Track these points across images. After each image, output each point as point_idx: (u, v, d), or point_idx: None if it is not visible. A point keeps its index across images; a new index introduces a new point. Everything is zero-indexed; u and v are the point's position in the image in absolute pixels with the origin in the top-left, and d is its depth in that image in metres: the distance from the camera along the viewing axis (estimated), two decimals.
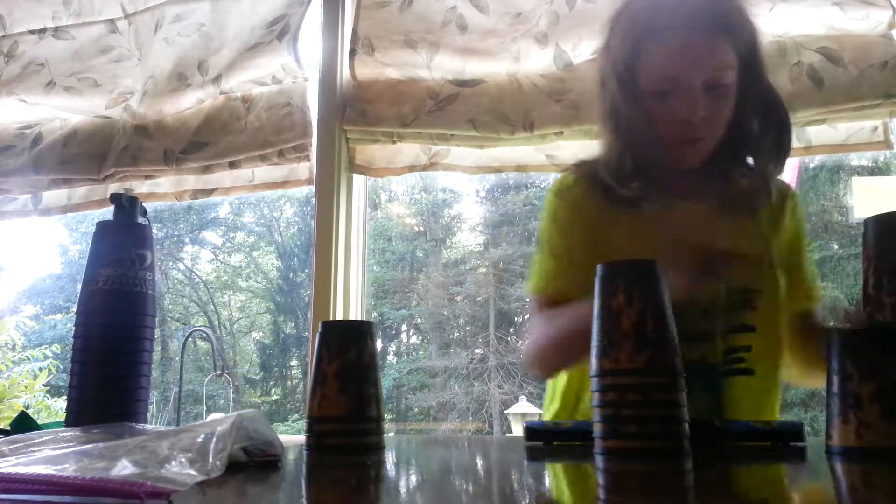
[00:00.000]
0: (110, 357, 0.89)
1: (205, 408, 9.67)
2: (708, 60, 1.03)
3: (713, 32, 1.03)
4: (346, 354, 0.77)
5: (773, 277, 1.11)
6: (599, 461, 0.65)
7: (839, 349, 0.70)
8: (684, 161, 1.11)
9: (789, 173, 4.06)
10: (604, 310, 0.68)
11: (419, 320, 11.66)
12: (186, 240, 12.76)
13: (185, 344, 9.09)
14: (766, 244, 1.14)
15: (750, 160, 1.15)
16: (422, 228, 11.96)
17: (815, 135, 1.73)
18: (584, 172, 1.19)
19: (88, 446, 0.54)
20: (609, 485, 0.55)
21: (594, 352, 0.68)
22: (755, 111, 1.10)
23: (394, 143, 1.89)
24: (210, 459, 0.52)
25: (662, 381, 0.65)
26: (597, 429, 0.67)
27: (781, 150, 1.13)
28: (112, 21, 2.13)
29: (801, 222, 1.21)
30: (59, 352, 5.91)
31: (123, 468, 0.48)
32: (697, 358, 1.07)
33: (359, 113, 1.90)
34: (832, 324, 1.09)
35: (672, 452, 0.65)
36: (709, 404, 1.08)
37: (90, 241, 0.93)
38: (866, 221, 0.74)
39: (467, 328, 11.37)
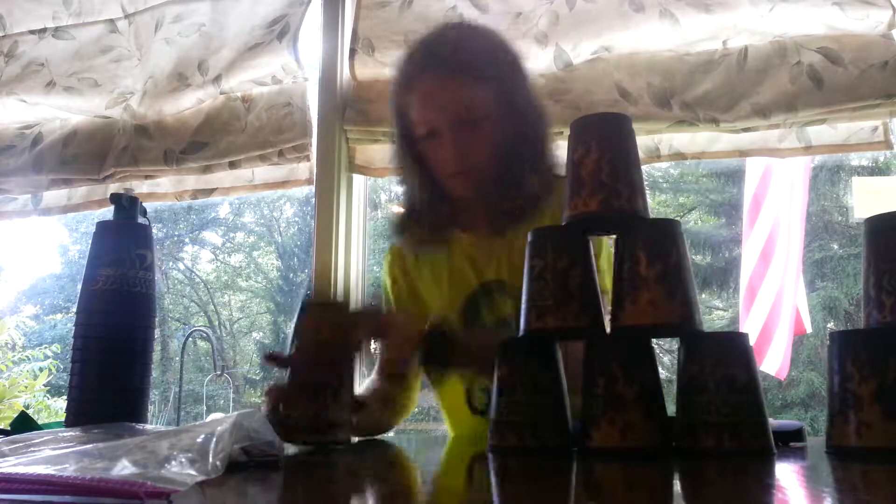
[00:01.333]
0: (110, 357, 0.89)
1: (205, 408, 9.67)
2: (453, 100, 1.12)
3: (457, 73, 1.12)
4: None
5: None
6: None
7: (839, 349, 0.70)
8: (457, 192, 1.20)
9: (800, 175, 4.03)
10: (578, 161, 0.76)
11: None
12: (186, 240, 12.77)
13: (185, 344, 9.09)
14: None
15: (514, 180, 1.20)
16: None
17: (815, 135, 1.73)
18: (394, 241, 1.34)
19: (88, 446, 0.54)
20: (589, 485, 0.55)
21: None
22: (519, 135, 1.17)
23: (394, 142, 1.89)
24: (210, 459, 0.52)
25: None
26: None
27: (542, 164, 1.20)
28: (112, 21, 2.13)
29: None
30: (59, 352, 5.91)
31: (123, 468, 0.48)
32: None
33: (359, 113, 1.90)
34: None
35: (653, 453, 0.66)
36: None
37: (90, 241, 0.93)
38: (866, 221, 0.74)
39: None
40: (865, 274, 0.73)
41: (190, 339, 10.04)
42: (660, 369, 0.72)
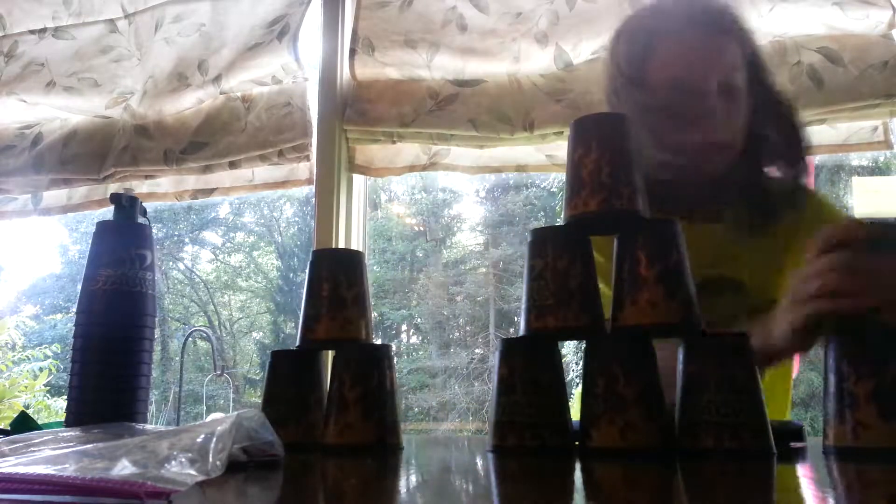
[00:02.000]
0: (110, 357, 0.89)
1: (205, 408, 9.67)
2: (719, 61, 1.00)
3: (721, 32, 1.01)
4: None
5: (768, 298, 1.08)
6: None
7: (836, 349, 0.70)
8: (709, 167, 1.05)
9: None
10: (578, 161, 0.74)
11: (419, 320, 11.65)
12: (186, 240, 12.76)
13: (185, 344, 9.08)
14: (781, 259, 1.07)
15: (768, 169, 1.10)
16: (422, 228, 11.96)
17: (816, 135, 1.72)
18: None
19: (88, 446, 0.54)
20: (590, 485, 0.55)
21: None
22: (765, 116, 1.06)
23: (394, 142, 1.89)
24: (210, 459, 0.52)
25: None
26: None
27: (795, 153, 1.08)
28: (112, 21, 2.14)
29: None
30: (59, 352, 5.91)
31: (123, 468, 0.48)
32: None
33: (359, 113, 1.90)
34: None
35: (656, 454, 0.66)
36: None
37: (90, 241, 0.93)
38: None
39: (467, 328, 11.36)
40: None
41: (190, 339, 10.03)
42: None
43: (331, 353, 0.84)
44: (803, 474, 0.61)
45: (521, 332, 0.77)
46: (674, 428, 0.71)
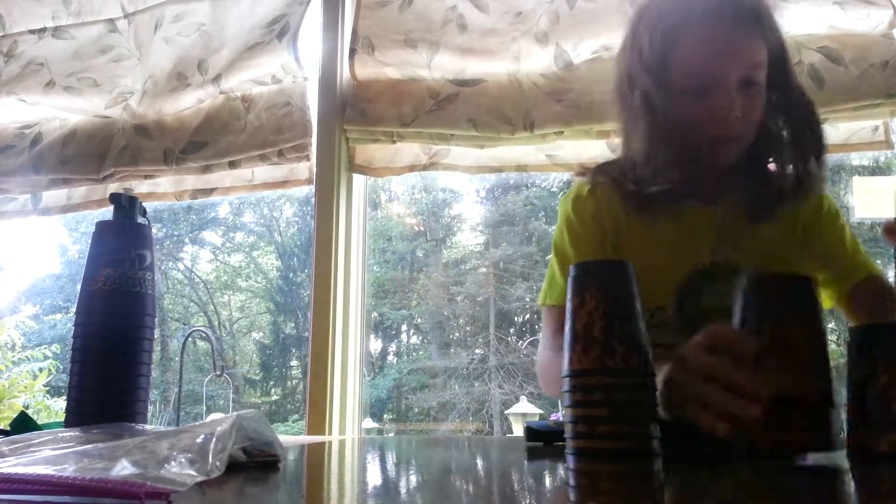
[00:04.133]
0: (110, 357, 0.89)
1: (204, 408, 9.67)
2: (743, 55, 1.00)
3: (747, 26, 0.99)
4: None
5: None
6: (571, 461, 0.65)
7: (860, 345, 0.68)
8: (719, 159, 1.05)
9: None
10: (573, 311, 0.68)
11: (419, 320, 11.65)
12: (186, 240, 12.76)
13: (184, 344, 9.09)
14: (784, 249, 1.10)
15: (778, 162, 1.10)
16: (422, 228, 11.96)
17: None
18: (601, 180, 1.15)
19: (88, 447, 0.54)
20: (579, 485, 0.55)
21: (565, 352, 0.68)
22: (783, 112, 1.06)
23: (394, 142, 1.89)
24: (210, 460, 0.52)
25: (629, 382, 0.65)
26: (567, 429, 0.67)
27: (812, 151, 1.07)
28: (112, 21, 2.13)
29: (835, 227, 1.17)
30: (58, 352, 5.91)
31: (123, 468, 0.48)
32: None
33: (359, 112, 1.89)
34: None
35: (640, 453, 0.64)
36: None
37: (90, 241, 0.93)
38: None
39: (467, 328, 11.36)
40: None
41: (190, 339, 10.03)
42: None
43: None
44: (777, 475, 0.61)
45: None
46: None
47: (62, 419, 0.89)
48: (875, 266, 1.16)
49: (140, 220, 0.95)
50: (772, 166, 1.10)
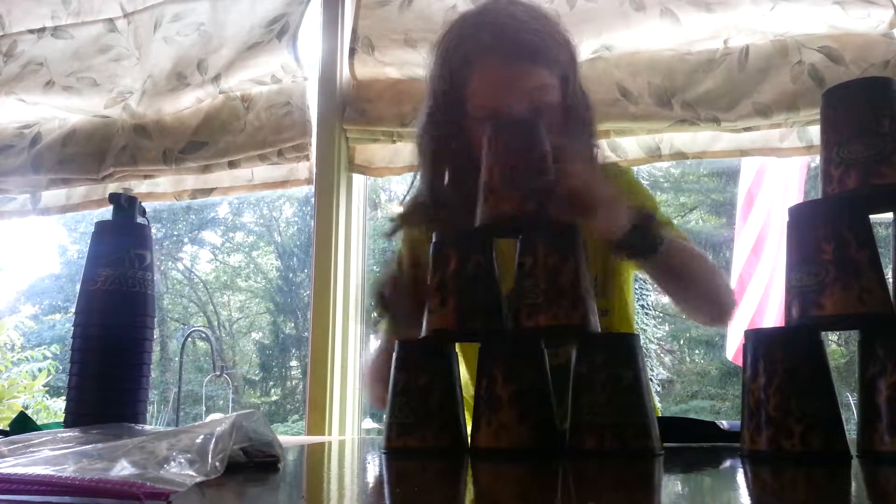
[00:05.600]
0: (109, 357, 0.88)
1: (204, 408, 9.67)
2: (525, 86, 1.05)
3: (528, 60, 1.05)
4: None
5: (605, 259, 1.14)
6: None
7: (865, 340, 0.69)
8: None
9: (796, 174, 4.07)
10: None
11: None
12: (185, 240, 12.76)
13: (184, 344, 9.09)
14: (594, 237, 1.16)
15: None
16: None
17: (817, 134, 1.72)
18: (413, 215, 1.19)
19: (87, 447, 0.54)
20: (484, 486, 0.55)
21: None
22: (573, 121, 1.12)
23: (394, 142, 1.89)
24: (209, 460, 0.52)
25: None
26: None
27: (590, 146, 1.15)
28: (111, 20, 2.13)
29: (633, 195, 1.20)
30: (58, 352, 5.91)
31: (122, 469, 0.48)
32: (564, 362, 1.08)
33: (359, 112, 1.89)
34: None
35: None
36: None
37: (89, 241, 0.92)
38: (823, 95, 0.72)
39: None
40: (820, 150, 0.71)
41: (189, 339, 10.04)
42: (660, 369, 0.72)
43: None
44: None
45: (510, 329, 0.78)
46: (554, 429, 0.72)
47: (61, 419, 0.89)
48: (676, 229, 1.20)
49: (139, 220, 0.94)
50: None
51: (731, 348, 3.99)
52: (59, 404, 5.28)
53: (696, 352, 10.73)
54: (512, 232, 0.80)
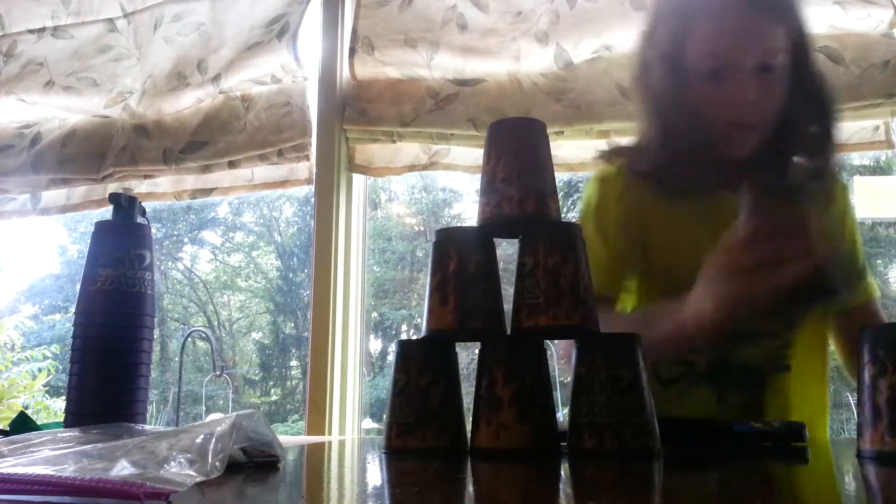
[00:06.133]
0: (109, 357, 0.88)
1: (204, 408, 9.66)
2: (760, 41, 0.99)
3: (766, 13, 0.99)
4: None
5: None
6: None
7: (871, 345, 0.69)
8: (734, 148, 1.04)
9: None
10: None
11: (419, 320, 11.62)
12: (185, 240, 12.75)
13: (184, 344, 9.08)
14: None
15: (797, 154, 1.08)
16: (422, 228, 11.95)
17: None
18: (625, 163, 1.14)
19: (87, 447, 0.54)
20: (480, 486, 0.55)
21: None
22: (804, 101, 1.04)
23: (394, 142, 1.89)
24: (209, 460, 0.52)
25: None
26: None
27: (828, 143, 1.07)
28: (111, 20, 2.13)
29: (850, 218, 1.15)
30: (58, 352, 5.90)
31: (122, 469, 0.48)
32: (740, 360, 1.05)
33: (359, 112, 1.89)
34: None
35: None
36: (748, 408, 1.05)
37: (89, 241, 0.92)
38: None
39: None
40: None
41: (189, 339, 10.02)
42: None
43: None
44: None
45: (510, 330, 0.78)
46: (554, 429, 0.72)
47: (61, 419, 0.89)
48: (876, 290, 1.14)
49: (139, 219, 0.94)
50: (795, 157, 1.08)
51: None
52: (59, 404, 5.27)
53: None
54: (512, 232, 0.80)
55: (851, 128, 1.70)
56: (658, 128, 1.07)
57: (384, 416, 0.79)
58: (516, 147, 0.78)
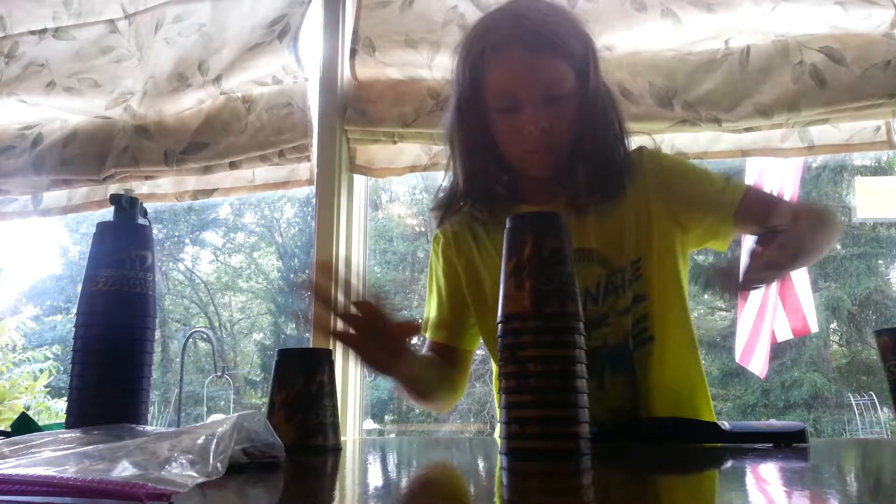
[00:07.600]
0: (111, 358, 0.88)
1: (205, 409, 9.66)
2: (544, 76, 1.09)
3: (546, 49, 1.09)
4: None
5: (648, 243, 1.15)
6: (504, 461, 0.67)
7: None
8: (533, 169, 1.16)
9: (791, 174, 4.09)
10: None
11: (420, 321, 11.63)
12: (187, 240, 12.76)
13: (185, 345, 9.09)
14: (633, 221, 1.16)
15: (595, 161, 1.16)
16: (423, 229, 11.95)
17: (818, 135, 1.72)
18: (445, 209, 1.25)
19: (89, 448, 0.54)
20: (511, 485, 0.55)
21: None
22: (594, 112, 1.14)
23: (395, 143, 1.89)
24: (211, 461, 0.52)
25: (557, 384, 0.68)
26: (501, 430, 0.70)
27: (621, 137, 1.18)
28: (112, 21, 2.13)
29: (664, 172, 1.21)
30: (59, 353, 5.91)
31: (124, 470, 0.48)
32: (600, 344, 1.12)
33: (360, 113, 1.89)
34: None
35: (570, 453, 0.66)
36: (626, 386, 1.11)
37: (90, 242, 0.92)
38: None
39: None
40: None
41: (190, 340, 10.03)
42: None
43: None
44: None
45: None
46: None
47: (63, 420, 0.89)
48: (741, 183, 1.21)
49: (141, 220, 0.94)
50: (591, 161, 1.16)
51: (740, 351, 3.99)
52: (61, 405, 5.28)
53: None
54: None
55: (852, 128, 1.70)
56: (463, 165, 1.19)
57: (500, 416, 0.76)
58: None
